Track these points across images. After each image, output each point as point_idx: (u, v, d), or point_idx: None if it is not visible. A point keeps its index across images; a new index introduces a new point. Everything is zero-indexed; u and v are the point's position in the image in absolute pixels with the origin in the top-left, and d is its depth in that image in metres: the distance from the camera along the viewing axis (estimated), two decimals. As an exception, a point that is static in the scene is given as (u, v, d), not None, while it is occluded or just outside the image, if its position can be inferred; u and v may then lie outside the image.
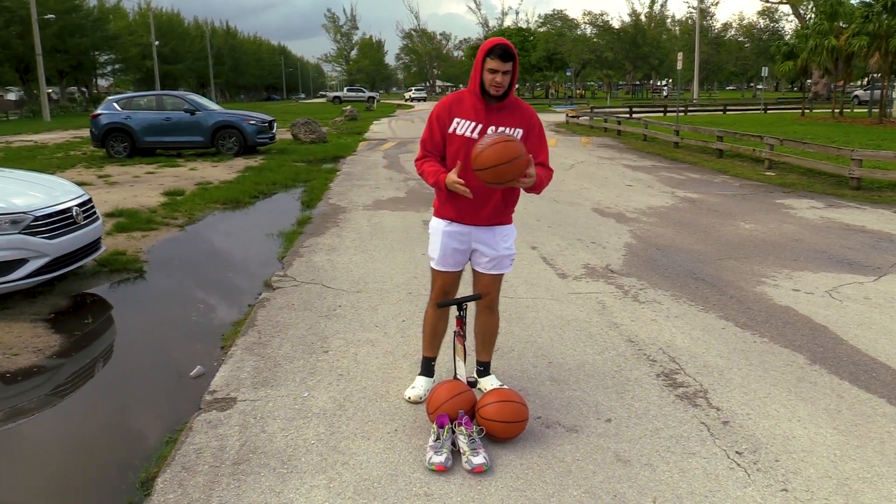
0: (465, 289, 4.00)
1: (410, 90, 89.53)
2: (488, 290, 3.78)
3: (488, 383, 3.96)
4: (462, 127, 3.52)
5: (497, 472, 3.17)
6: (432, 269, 3.81)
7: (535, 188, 3.48)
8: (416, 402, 3.86)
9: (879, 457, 3.27)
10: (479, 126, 3.50)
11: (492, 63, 3.38)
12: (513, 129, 3.52)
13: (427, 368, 4.00)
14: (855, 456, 3.28)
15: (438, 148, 3.62)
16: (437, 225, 3.72)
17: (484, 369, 4.03)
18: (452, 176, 3.42)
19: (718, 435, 3.49)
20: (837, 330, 4.95)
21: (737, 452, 3.32)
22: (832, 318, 5.20)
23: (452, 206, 3.63)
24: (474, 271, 3.80)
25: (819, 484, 3.06)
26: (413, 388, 3.95)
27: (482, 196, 3.55)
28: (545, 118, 36.17)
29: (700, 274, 6.43)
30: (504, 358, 4.49)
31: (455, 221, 3.65)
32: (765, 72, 43.38)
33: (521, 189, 3.54)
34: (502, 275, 3.79)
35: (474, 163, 3.27)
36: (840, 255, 7.11)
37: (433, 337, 3.94)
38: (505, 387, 3.82)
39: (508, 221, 3.73)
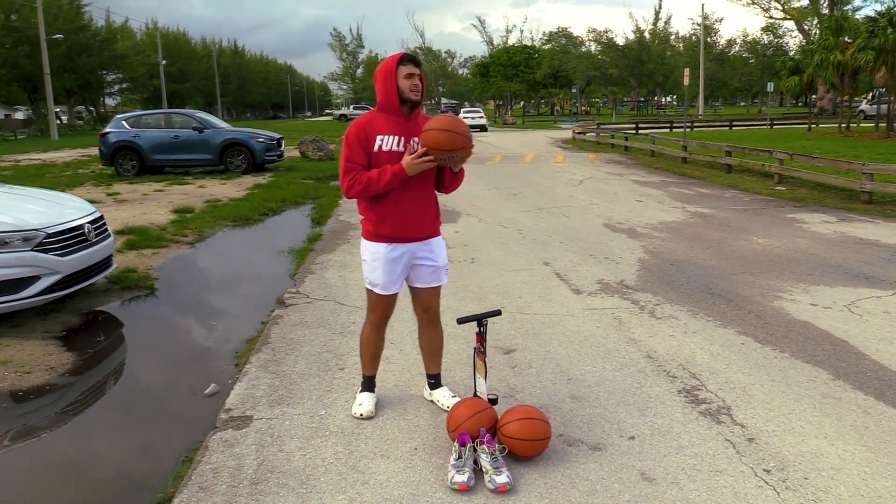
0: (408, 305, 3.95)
1: None
2: (430, 303, 3.84)
3: (440, 395, 3.97)
4: (387, 143, 3.55)
5: (521, 492, 3.10)
6: (372, 294, 3.79)
7: (457, 179, 3.71)
8: (368, 418, 3.83)
9: (911, 475, 3.20)
10: (402, 139, 3.56)
11: (406, 69, 3.52)
12: None
13: (370, 385, 4.01)
14: (886, 473, 3.21)
15: (363, 164, 3.58)
16: (377, 250, 3.66)
17: (435, 382, 4.04)
18: (408, 158, 3.46)
19: (744, 452, 3.42)
20: (859, 345, 4.87)
21: (764, 470, 3.25)
22: (852, 332, 5.13)
23: (390, 224, 3.61)
24: (412, 288, 3.83)
25: (851, 502, 2.98)
26: (360, 404, 3.91)
27: (420, 207, 3.63)
28: (551, 134, 36.26)
29: (716, 289, 6.36)
30: (523, 375, 4.43)
31: (395, 242, 3.64)
32: (770, 87, 43.43)
33: (442, 190, 3.76)
34: (440, 287, 3.85)
35: (428, 138, 3.39)
36: (856, 269, 7.04)
37: (374, 358, 3.96)
38: (527, 404, 3.76)
39: (439, 233, 3.83)
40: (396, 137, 3.55)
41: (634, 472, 3.25)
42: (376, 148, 3.55)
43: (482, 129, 43.97)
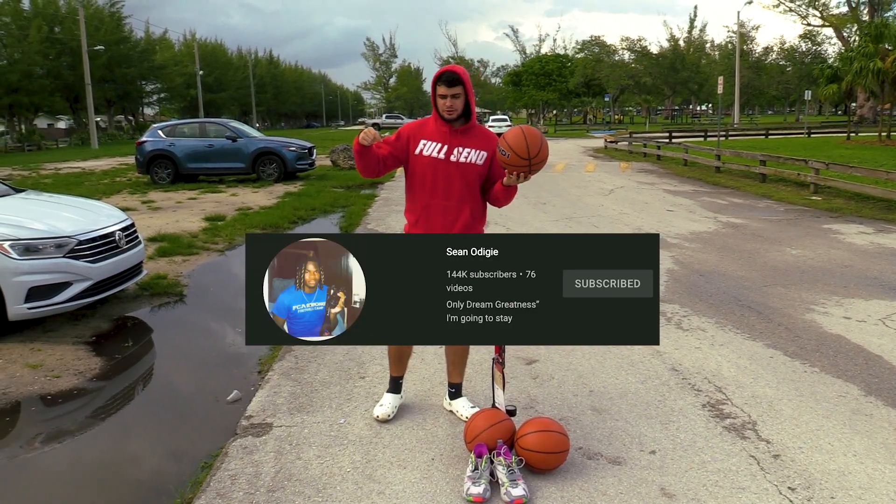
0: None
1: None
2: None
3: (460, 405, 3.96)
4: (428, 148, 3.63)
5: (537, 505, 3.07)
6: None
7: (509, 195, 3.64)
8: (384, 421, 3.86)
9: (944, 495, 3.09)
10: (445, 147, 3.61)
11: (440, 90, 3.56)
12: (478, 152, 3.63)
13: (395, 386, 4.02)
14: (917, 494, 3.11)
15: (392, 145, 3.68)
16: None
17: (455, 391, 4.02)
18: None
19: (769, 469, 3.34)
20: (893, 360, 4.74)
21: (789, 488, 3.17)
22: (887, 347, 4.99)
23: (421, 226, 3.69)
24: None
25: (879, 523, 2.89)
26: (381, 405, 3.95)
27: (452, 212, 3.64)
28: (583, 143, 36.05)
29: (745, 301, 6.25)
30: (544, 386, 4.39)
31: None
32: (808, 95, 42.73)
33: (492, 203, 3.74)
34: None
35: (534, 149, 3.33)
36: (893, 281, 6.86)
37: (399, 359, 3.97)
38: (545, 416, 3.72)
39: None
40: (439, 145, 3.62)
41: (654, 488, 3.19)
42: (417, 151, 3.64)
43: None
